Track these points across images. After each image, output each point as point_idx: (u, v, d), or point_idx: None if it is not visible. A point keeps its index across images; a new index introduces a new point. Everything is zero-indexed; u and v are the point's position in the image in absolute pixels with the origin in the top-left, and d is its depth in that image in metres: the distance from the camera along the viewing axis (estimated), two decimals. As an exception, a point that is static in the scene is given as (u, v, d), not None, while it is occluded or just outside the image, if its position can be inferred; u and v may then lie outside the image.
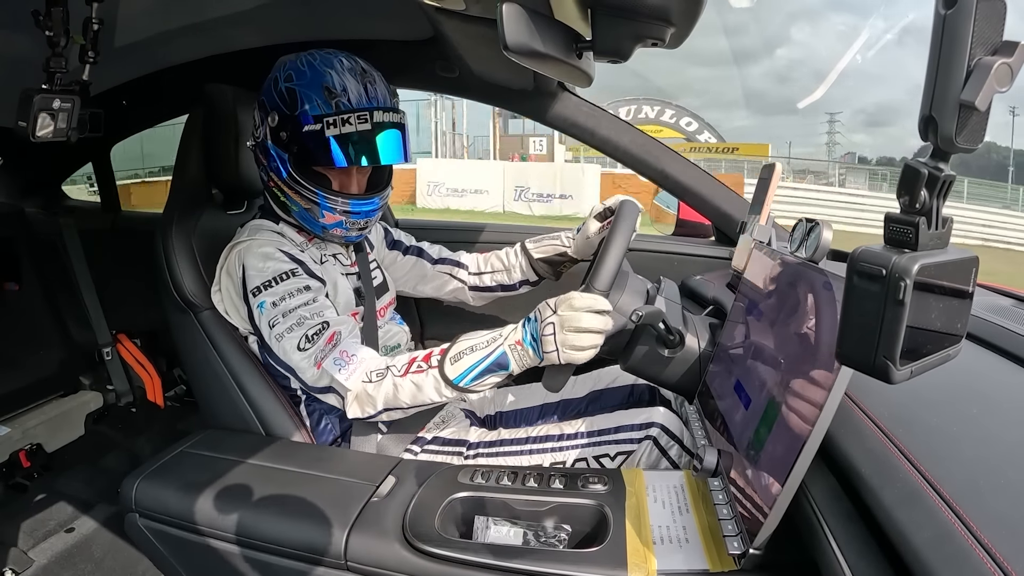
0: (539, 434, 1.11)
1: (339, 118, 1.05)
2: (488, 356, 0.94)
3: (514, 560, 0.78)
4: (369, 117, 1.06)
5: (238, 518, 0.93)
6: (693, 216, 1.64)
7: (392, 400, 0.99)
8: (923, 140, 0.40)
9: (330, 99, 1.05)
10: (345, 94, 1.06)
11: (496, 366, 0.94)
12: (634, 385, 1.27)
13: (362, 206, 1.12)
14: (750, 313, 0.92)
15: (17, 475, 1.71)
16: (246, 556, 0.93)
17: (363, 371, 1.00)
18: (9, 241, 1.89)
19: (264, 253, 1.07)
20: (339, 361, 1.01)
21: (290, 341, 1.03)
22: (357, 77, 1.07)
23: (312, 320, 1.04)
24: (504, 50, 0.56)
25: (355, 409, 1.01)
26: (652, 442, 1.04)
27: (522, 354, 0.93)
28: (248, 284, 1.06)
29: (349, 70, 1.07)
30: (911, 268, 0.39)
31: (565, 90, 1.50)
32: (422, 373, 0.97)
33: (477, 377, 0.95)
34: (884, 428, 0.61)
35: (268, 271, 1.06)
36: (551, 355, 0.90)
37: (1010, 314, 0.95)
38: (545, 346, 0.90)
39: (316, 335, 1.03)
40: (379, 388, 0.99)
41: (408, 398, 0.98)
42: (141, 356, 2.13)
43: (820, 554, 0.60)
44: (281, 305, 1.04)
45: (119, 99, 1.71)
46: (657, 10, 0.56)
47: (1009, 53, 0.37)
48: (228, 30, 1.42)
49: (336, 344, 1.02)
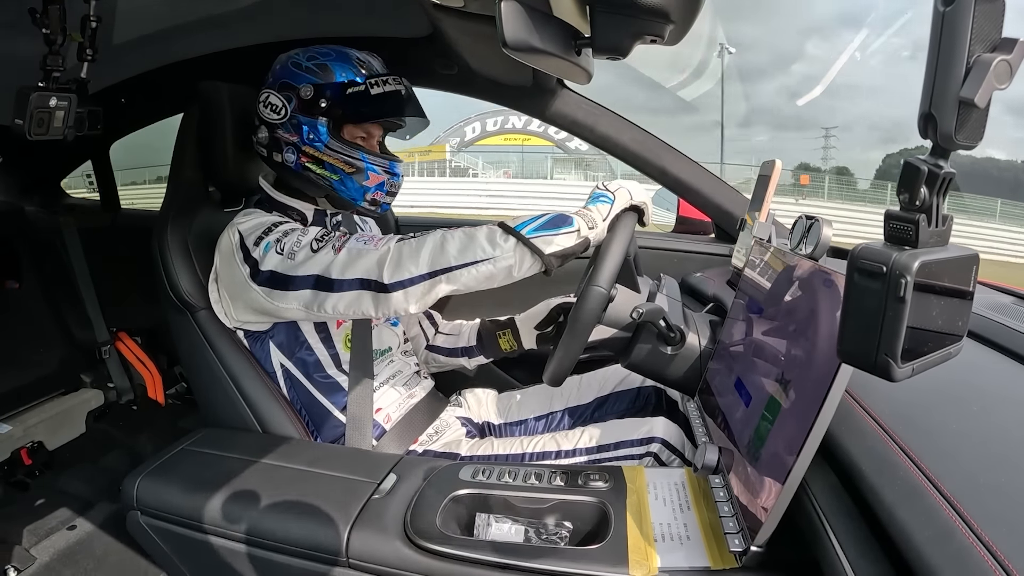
0: (536, 450, 1.10)
1: (380, 79, 1.11)
2: (548, 213, 0.96)
3: (515, 557, 0.78)
4: (401, 81, 1.14)
5: (240, 515, 0.94)
6: (693, 213, 1.64)
7: (438, 253, 0.92)
8: (922, 137, 0.40)
9: (361, 67, 1.12)
10: (372, 65, 1.14)
11: (560, 220, 0.95)
12: (640, 388, 1.25)
13: (397, 168, 1.16)
14: (750, 310, 0.91)
15: (18, 473, 1.71)
16: (248, 553, 0.93)
17: (390, 238, 0.99)
18: (9, 240, 1.89)
19: (257, 218, 1.09)
20: (361, 238, 1.01)
21: (303, 252, 1.01)
22: (367, 55, 1.15)
23: (315, 230, 1.05)
24: (503, 47, 0.56)
25: (391, 269, 0.93)
26: (653, 458, 1.03)
27: (587, 213, 0.97)
28: (247, 241, 1.05)
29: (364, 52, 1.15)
30: (912, 265, 0.39)
31: (564, 87, 1.50)
32: (476, 228, 0.96)
33: (541, 228, 0.94)
34: (885, 426, 0.61)
35: (266, 223, 1.07)
36: (620, 191, 1.00)
37: (1010, 311, 0.95)
38: (611, 185, 1.01)
39: (326, 235, 1.03)
40: (423, 241, 0.94)
41: (456, 250, 0.92)
42: (142, 354, 2.13)
43: (821, 552, 0.60)
44: (284, 238, 1.03)
45: (117, 97, 1.71)
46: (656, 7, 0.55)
47: (1008, 50, 0.37)
48: (226, 28, 1.42)
49: (350, 235, 1.03)
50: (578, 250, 0.96)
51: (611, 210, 0.99)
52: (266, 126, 1.12)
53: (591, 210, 0.98)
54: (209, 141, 1.20)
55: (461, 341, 1.37)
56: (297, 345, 1.13)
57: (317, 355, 1.14)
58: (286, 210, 1.16)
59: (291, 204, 1.16)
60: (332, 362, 1.15)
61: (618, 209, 0.99)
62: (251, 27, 1.42)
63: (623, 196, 1.00)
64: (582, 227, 0.95)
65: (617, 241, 0.93)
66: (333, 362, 1.15)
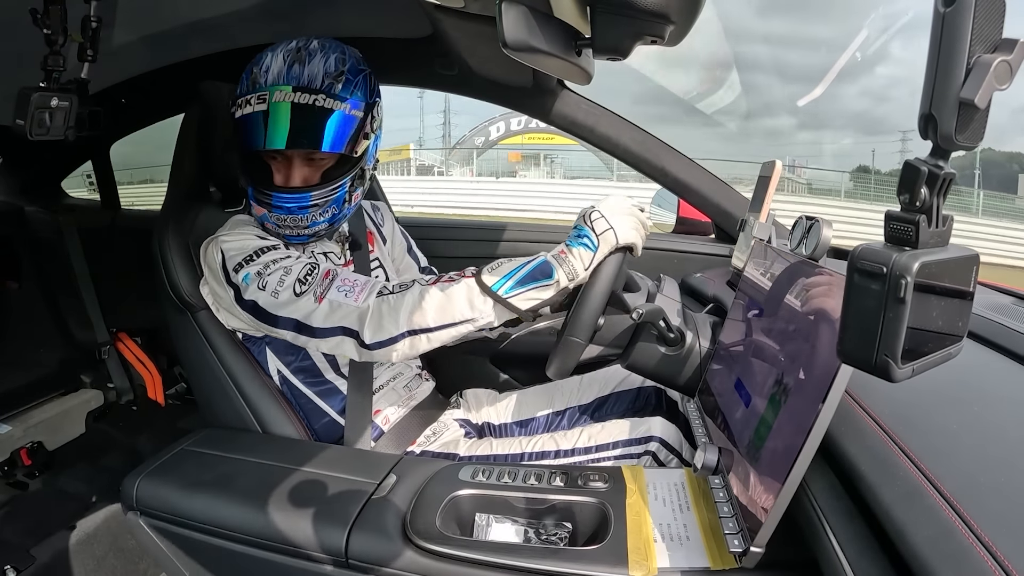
0: (534, 449, 1.10)
1: (243, 98, 1.01)
2: (528, 263, 0.92)
3: (515, 558, 0.78)
4: (268, 97, 1.00)
5: (239, 516, 0.94)
6: (693, 214, 1.64)
7: (415, 313, 0.91)
8: (923, 138, 0.40)
9: (251, 79, 1.03)
10: (265, 74, 1.02)
11: (539, 273, 0.91)
12: (640, 388, 1.25)
13: (284, 200, 1.04)
14: (750, 311, 0.92)
15: (18, 473, 1.71)
16: (247, 554, 0.93)
17: (372, 288, 0.96)
18: (8, 240, 1.89)
19: (241, 236, 1.06)
20: (343, 287, 0.96)
21: (286, 292, 0.98)
22: (288, 56, 1.02)
23: (299, 265, 1.00)
24: (503, 47, 0.56)
25: (372, 329, 0.93)
26: (651, 457, 1.03)
27: (568, 260, 0.92)
28: (228, 265, 1.03)
29: (292, 50, 1.03)
30: (912, 266, 0.39)
31: (564, 88, 1.50)
32: (453, 283, 0.93)
33: (518, 285, 0.90)
34: (884, 426, 0.61)
35: (248, 248, 1.03)
36: (607, 234, 0.92)
37: (1010, 312, 0.95)
38: (598, 228, 0.92)
39: (308, 275, 0.98)
40: (402, 299, 0.92)
41: (434, 311, 0.91)
42: (142, 354, 2.13)
43: (821, 552, 0.60)
44: (266, 271, 1.00)
45: (118, 97, 1.71)
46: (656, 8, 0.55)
47: (1008, 51, 0.37)
48: (227, 28, 1.42)
49: (334, 278, 0.98)
50: (558, 300, 0.95)
51: (593, 259, 0.93)
52: None
53: (573, 255, 0.92)
54: (210, 141, 1.20)
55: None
56: (293, 351, 1.13)
57: (314, 360, 1.14)
58: None
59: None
60: (330, 366, 1.15)
61: (601, 257, 0.93)
62: (252, 28, 1.43)
63: (608, 242, 0.92)
64: (561, 278, 0.92)
65: (597, 289, 0.93)
66: (331, 366, 1.15)
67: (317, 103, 1.01)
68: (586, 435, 1.09)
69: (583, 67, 0.65)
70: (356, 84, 1.05)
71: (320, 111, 1.01)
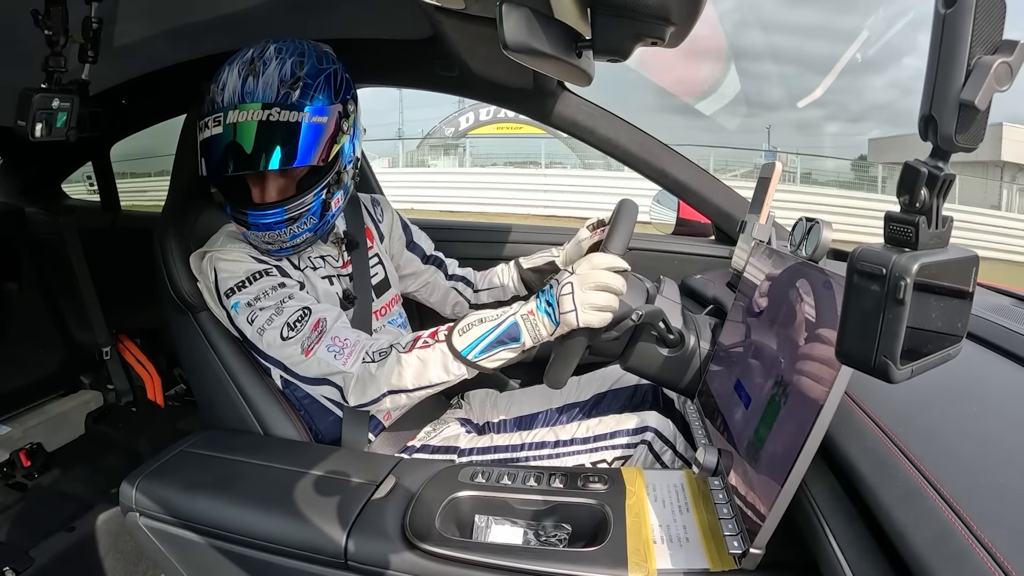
0: (534, 440, 1.11)
1: (203, 121, 0.99)
2: (498, 327, 0.92)
3: (514, 559, 0.78)
4: (223, 119, 0.97)
5: (238, 517, 0.93)
6: (693, 215, 1.64)
7: (396, 380, 0.94)
8: (923, 139, 0.40)
9: (209, 99, 1.01)
10: (222, 93, 0.99)
11: (507, 337, 0.91)
12: (637, 386, 1.26)
13: (259, 218, 1.02)
14: (750, 312, 0.92)
15: (17, 474, 1.71)
16: (246, 555, 0.93)
17: (362, 351, 0.98)
18: (9, 241, 1.89)
19: (234, 258, 1.05)
20: (332, 348, 0.98)
21: (272, 333, 1.00)
22: (243, 69, 0.99)
23: (291, 307, 1.01)
24: (503, 49, 0.56)
25: (357, 393, 0.97)
26: (647, 447, 1.04)
27: (535, 323, 0.90)
28: (221, 287, 1.04)
29: (247, 61, 1.00)
30: (911, 267, 0.39)
31: (565, 89, 1.50)
32: (428, 348, 0.94)
33: (487, 349, 0.92)
34: (884, 427, 0.61)
35: (240, 272, 1.03)
36: (568, 316, 0.87)
37: (1009, 313, 0.95)
38: (563, 306, 0.88)
39: (298, 322, 1.00)
40: (382, 367, 0.95)
41: (412, 376, 0.94)
42: (141, 355, 2.13)
43: (820, 553, 0.60)
44: (256, 303, 1.01)
45: (118, 98, 1.71)
46: (657, 9, 0.55)
47: (1009, 52, 0.37)
48: (227, 30, 1.42)
49: (323, 331, 0.99)
50: (521, 358, 0.97)
51: (555, 332, 0.91)
52: None
53: (539, 321, 0.91)
54: None
55: (508, 293, 1.36)
56: None
57: None
58: None
59: None
60: None
61: (560, 333, 0.91)
62: (253, 29, 1.43)
63: (568, 323, 0.88)
64: (527, 341, 0.92)
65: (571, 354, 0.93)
66: None
67: (272, 118, 0.97)
68: (584, 427, 1.10)
69: (583, 69, 0.65)
70: (316, 87, 1.00)
71: (276, 126, 0.98)
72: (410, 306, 1.58)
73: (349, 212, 1.26)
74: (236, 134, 0.97)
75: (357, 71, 1.13)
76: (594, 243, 1.22)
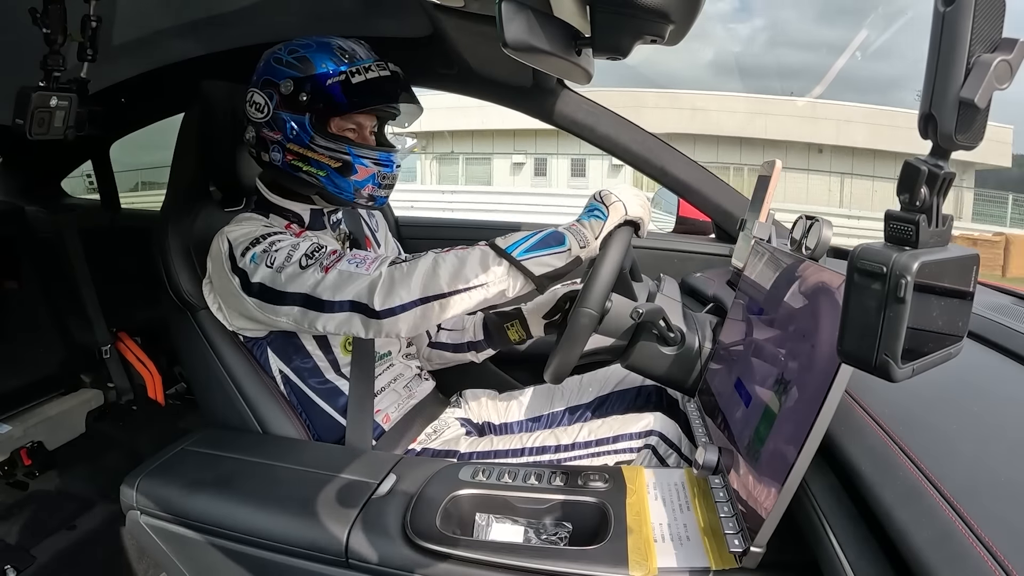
0: (535, 444, 1.10)
1: (362, 66, 1.07)
2: (542, 231, 0.96)
3: (515, 557, 0.78)
4: (387, 66, 1.09)
5: (239, 516, 0.94)
6: (693, 213, 1.64)
7: (430, 280, 0.91)
8: (923, 138, 0.40)
9: (343, 56, 1.08)
10: (355, 52, 1.09)
11: (552, 240, 0.95)
12: (641, 387, 1.25)
13: (388, 158, 1.12)
14: (750, 311, 0.91)
15: (18, 473, 1.71)
16: (247, 553, 0.93)
17: (382, 260, 0.96)
18: (9, 240, 1.89)
19: (247, 226, 1.07)
20: (353, 260, 0.97)
21: (291, 268, 0.98)
22: (354, 43, 1.11)
23: (306, 245, 1.02)
24: (503, 47, 0.56)
25: (382, 295, 0.92)
26: (651, 451, 1.03)
27: (579, 230, 0.97)
28: (235, 251, 1.03)
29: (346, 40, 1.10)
30: (912, 266, 0.39)
31: (564, 87, 1.50)
32: (466, 249, 0.95)
33: (532, 249, 0.93)
34: (885, 426, 0.61)
35: (254, 233, 1.04)
36: (616, 205, 0.97)
37: (1010, 312, 0.95)
38: (607, 200, 0.98)
39: (316, 251, 1.00)
40: (415, 266, 0.93)
41: (448, 275, 0.91)
42: (142, 354, 2.13)
43: (821, 552, 0.60)
44: (271, 248, 1.01)
45: (117, 97, 1.71)
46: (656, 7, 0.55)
47: (1008, 50, 0.37)
48: (226, 28, 1.42)
49: (341, 255, 0.99)
50: (570, 269, 0.96)
51: (603, 227, 0.97)
52: (253, 125, 1.11)
53: (584, 226, 0.97)
54: (210, 141, 1.20)
55: (466, 336, 1.35)
56: (295, 351, 1.13)
57: (315, 361, 1.14)
58: (282, 212, 1.15)
59: (286, 206, 1.15)
60: (331, 367, 1.15)
61: (611, 226, 0.97)
62: (252, 27, 1.43)
63: (617, 211, 0.97)
64: (573, 246, 0.95)
65: (608, 261, 0.93)
66: (332, 367, 1.15)
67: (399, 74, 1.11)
68: (586, 430, 1.10)
69: (583, 66, 0.65)
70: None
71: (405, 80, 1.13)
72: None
73: (348, 218, 1.27)
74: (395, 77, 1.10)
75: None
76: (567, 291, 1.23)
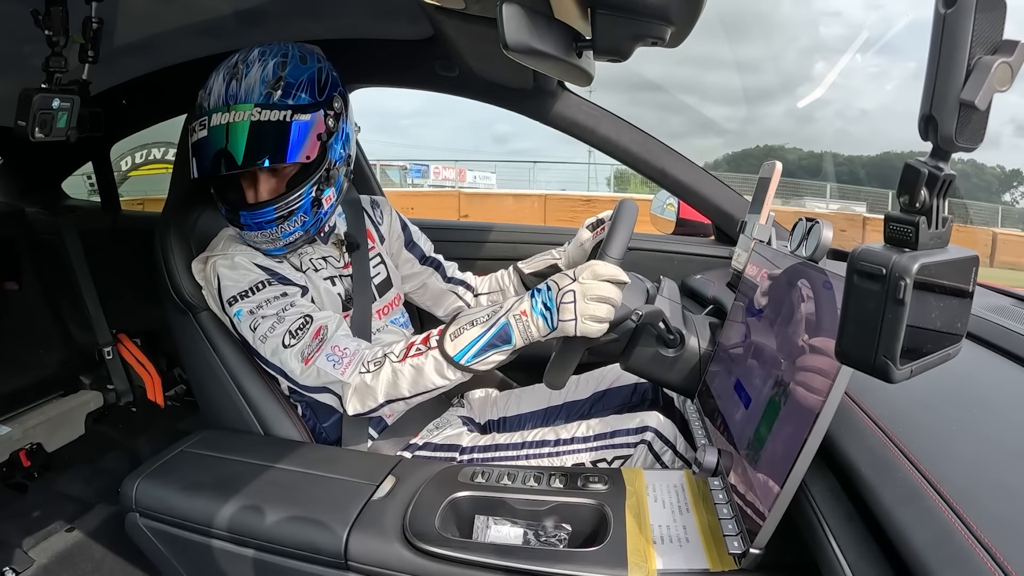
0: (535, 439, 1.11)
1: (190, 127, 1.03)
2: (489, 329, 0.93)
3: (514, 559, 0.78)
4: (207, 122, 1.01)
5: (238, 518, 0.93)
6: (693, 215, 1.64)
7: (392, 389, 0.96)
8: (923, 139, 0.40)
9: (198, 104, 1.04)
10: (208, 97, 1.02)
11: (499, 340, 0.93)
12: (637, 384, 1.26)
13: (251, 217, 1.04)
14: (750, 312, 0.92)
15: (17, 475, 1.71)
16: (246, 556, 0.93)
17: (358, 362, 0.98)
18: (9, 241, 1.89)
19: (237, 264, 1.06)
20: (332, 357, 0.99)
21: (274, 340, 1.02)
22: (227, 74, 1.02)
23: (292, 315, 1.02)
24: (504, 49, 0.56)
25: (355, 404, 0.99)
26: (647, 447, 1.04)
27: (527, 325, 0.91)
28: (223, 295, 1.06)
29: (231, 66, 1.03)
30: (911, 267, 0.39)
31: (565, 89, 1.50)
32: (421, 356, 0.95)
33: (479, 353, 0.93)
34: (884, 428, 0.61)
35: (243, 282, 1.05)
36: (568, 324, 0.88)
37: (1010, 313, 0.95)
38: (563, 314, 0.89)
39: (300, 330, 1.01)
40: (377, 377, 0.97)
41: (408, 384, 0.96)
42: (141, 356, 2.13)
43: (820, 554, 0.60)
44: (258, 311, 1.03)
45: (119, 98, 1.71)
46: (657, 9, 0.56)
47: (1009, 52, 0.37)
48: (228, 30, 1.42)
49: (324, 339, 1.00)
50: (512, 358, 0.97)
51: (548, 336, 0.92)
52: None
53: (532, 323, 0.91)
54: None
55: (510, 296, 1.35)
56: None
57: None
58: None
59: None
60: None
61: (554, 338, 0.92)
62: (253, 30, 1.43)
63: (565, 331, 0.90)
64: (518, 342, 0.93)
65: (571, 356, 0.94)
66: None
67: (254, 118, 0.99)
68: (584, 427, 1.11)
69: (584, 68, 0.65)
70: (299, 87, 1.02)
71: (259, 126, 1.00)
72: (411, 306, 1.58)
73: (350, 214, 1.27)
74: (221, 136, 1.00)
75: (358, 71, 1.13)
76: (596, 243, 1.22)
